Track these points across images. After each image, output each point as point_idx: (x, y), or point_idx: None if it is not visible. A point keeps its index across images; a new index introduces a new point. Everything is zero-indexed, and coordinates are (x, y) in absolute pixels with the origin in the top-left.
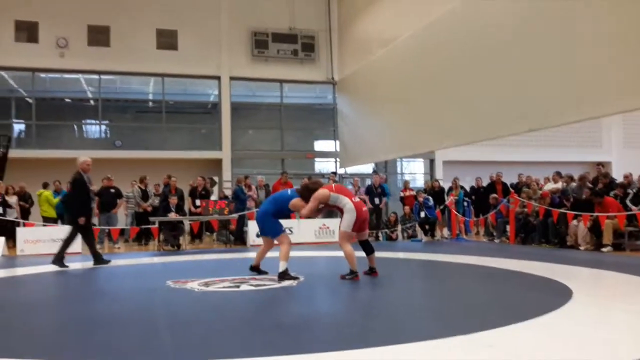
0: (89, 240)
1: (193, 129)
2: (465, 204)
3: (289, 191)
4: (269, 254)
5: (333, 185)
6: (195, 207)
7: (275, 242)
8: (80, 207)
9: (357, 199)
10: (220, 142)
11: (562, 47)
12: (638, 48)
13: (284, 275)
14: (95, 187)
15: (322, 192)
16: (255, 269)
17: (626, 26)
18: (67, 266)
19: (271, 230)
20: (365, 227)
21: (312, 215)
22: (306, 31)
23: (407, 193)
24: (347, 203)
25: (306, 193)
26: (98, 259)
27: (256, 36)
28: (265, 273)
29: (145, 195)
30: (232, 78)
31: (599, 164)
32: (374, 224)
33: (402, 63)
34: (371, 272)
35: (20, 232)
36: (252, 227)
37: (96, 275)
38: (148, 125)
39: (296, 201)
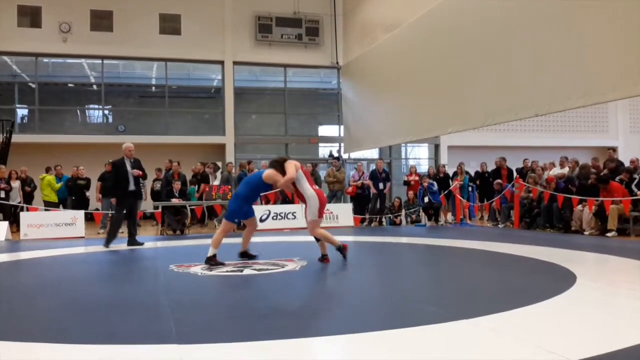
0: (129, 222)
1: (196, 114)
2: (470, 189)
3: (260, 170)
4: (269, 238)
5: (303, 167)
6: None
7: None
8: (113, 189)
9: (316, 187)
10: (224, 127)
11: (568, 31)
12: None
13: (210, 261)
14: (135, 170)
15: (294, 161)
16: (245, 255)
17: (633, 10)
18: (141, 243)
19: (230, 211)
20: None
21: (290, 184)
22: (310, 15)
23: (413, 177)
24: (307, 189)
25: (276, 164)
26: (131, 242)
27: (260, 20)
28: (255, 257)
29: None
30: (235, 63)
31: (610, 148)
32: (378, 209)
33: (407, 47)
34: (323, 258)
35: (24, 216)
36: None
37: (100, 259)
38: (151, 110)
39: (270, 172)
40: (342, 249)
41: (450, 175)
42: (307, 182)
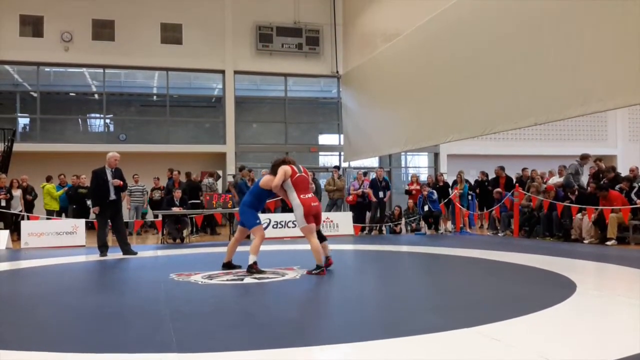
0: (115, 232)
1: (197, 123)
2: (470, 197)
3: (259, 178)
4: (269, 247)
5: (297, 174)
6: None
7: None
8: (93, 197)
9: (309, 196)
10: (225, 135)
11: (567, 40)
12: None
13: (251, 269)
14: (116, 180)
15: (285, 167)
16: (228, 265)
17: (632, 19)
18: (134, 252)
19: (247, 221)
20: (317, 221)
21: (279, 190)
22: (311, 25)
23: (414, 187)
24: (294, 199)
25: (272, 170)
26: (125, 250)
27: (260, 30)
28: (238, 267)
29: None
30: (236, 72)
31: (598, 158)
32: (378, 217)
33: (407, 57)
34: (326, 260)
35: (25, 225)
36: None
37: (100, 268)
38: (152, 119)
39: (265, 178)
40: (319, 270)
41: (450, 183)
42: (296, 191)
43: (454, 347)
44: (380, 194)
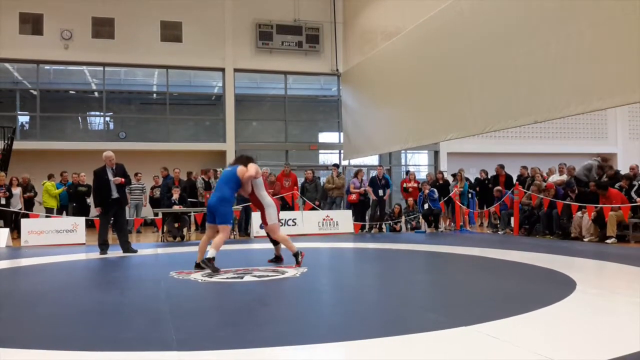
0: (116, 230)
1: (197, 121)
2: (470, 195)
3: (234, 167)
4: (269, 245)
5: (260, 174)
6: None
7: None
8: (95, 197)
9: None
10: (224, 133)
11: (567, 39)
12: None
13: (208, 262)
14: (117, 178)
15: (256, 165)
16: (200, 265)
17: (632, 19)
18: (135, 250)
19: (223, 216)
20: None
21: (249, 184)
22: (311, 23)
23: (411, 184)
24: (265, 197)
25: (242, 160)
26: (126, 248)
27: (260, 28)
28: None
29: (208, 186)
30: (236, 70)
31: (604, 158)
32: (378, 215)
33: (407, 55)
34: (277, 260)
35: (25, 223)
36: (256, 219)
37: (100, 266)
38: (152, 117)
39: (240, 169)
40: (297, 255)
41: (450, 181)
42: (265, 190)
43: (453, 346)
44: (380, 192)
